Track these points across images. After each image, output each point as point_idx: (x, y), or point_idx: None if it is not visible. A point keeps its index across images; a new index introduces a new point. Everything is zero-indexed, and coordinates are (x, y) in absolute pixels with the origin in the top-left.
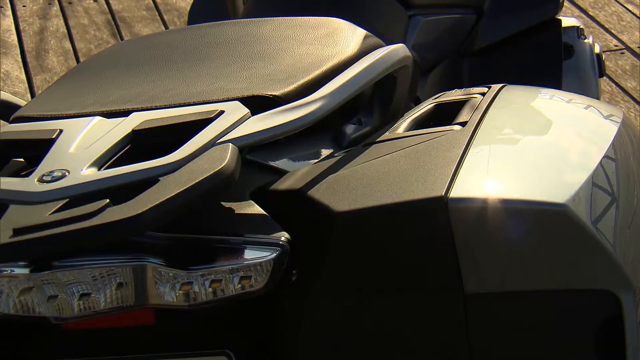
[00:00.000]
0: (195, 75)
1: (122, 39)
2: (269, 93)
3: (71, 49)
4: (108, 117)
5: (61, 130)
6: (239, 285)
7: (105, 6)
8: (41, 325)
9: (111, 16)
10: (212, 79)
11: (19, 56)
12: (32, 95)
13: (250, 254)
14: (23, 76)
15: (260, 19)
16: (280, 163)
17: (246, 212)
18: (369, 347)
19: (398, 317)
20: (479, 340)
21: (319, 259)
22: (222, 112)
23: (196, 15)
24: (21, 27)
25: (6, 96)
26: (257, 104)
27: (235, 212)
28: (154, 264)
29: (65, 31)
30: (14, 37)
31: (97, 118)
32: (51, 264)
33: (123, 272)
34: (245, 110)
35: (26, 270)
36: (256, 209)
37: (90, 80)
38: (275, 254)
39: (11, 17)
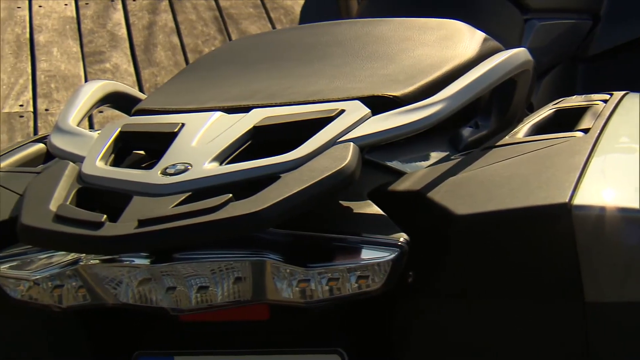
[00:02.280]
0: (314, 73)
1: (229, 35)
2: (389, 93)
3: (179, 44)
4: (229, 113)
5: (183, 124)
6: (356, 285)
7: (213, 2)
8: (158, 316)
9: (219, 12)
10: (331, 78)
11: (128, 50)
12: (140, 88)
13: (369, 254)
14: (132, 69)
15: (378, 19)
16: (398, 164)
17: (365, 212)
18: (482, 351)
19: (515, 323)
20: (599, 351)
21: (437, 262)
22: (342, 111)
23: (308, 14)
24: (131, 21)
25: (126, 89)
26: (377, 104)
27: (354, 211)
28: (273, 260)
29: (174, 26)
30: (124, 30)
31: (219, 113)
32: (171, 256)
33: (242, 267)
34: (366, 110)
35: (147, 261)
36: (375, 209)
37: (209, 76)
38: (394, 255)
39: (121, 11)
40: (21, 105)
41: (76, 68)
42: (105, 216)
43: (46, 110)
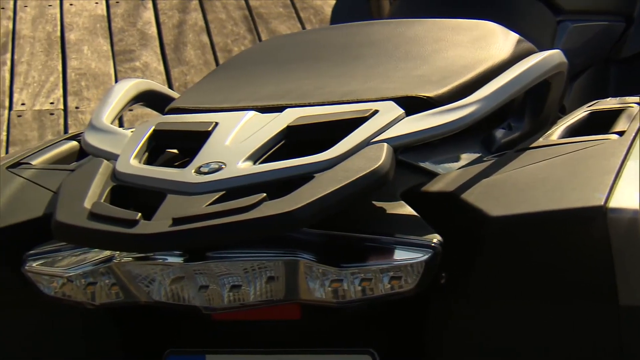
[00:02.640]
0: (347, 73)
1: (258, 35)
2: (422, 94)
3: (209, 42)
4: (262, 112)
5: (217, 123)
6: (389, 286)
7: (243, 2)
8: (190, 314)
9: (248, 12)
10: (364, 78)
11: (158, 48)
12: (170, 87)
13: (402, 255)
14: (161, 68)
15: (411, 19)
16: (431, 165)
17: (398, 213)
18: (515, 353)
19: (548, 326)
20: (633, 354)
21: (471, 263)
22: (376, 111)
23: (339, 15)
24: (161, 20)
25: (159, 87)
26: (411, 105)
27: (387, 211)
28: (306, 260)
29: (204, 25)
30: (154, 29)
31: (252, 112)
32: (205, 254)
33: (275, 266)
34: (400, 111)
35: (180, 260)
36: (407, 210)
37: (242, 76)
38: (427, 256)
39: (152, 9)
40: (52, 103)
41: (106, 66)
42: (139, 214)
43: (76, 108)
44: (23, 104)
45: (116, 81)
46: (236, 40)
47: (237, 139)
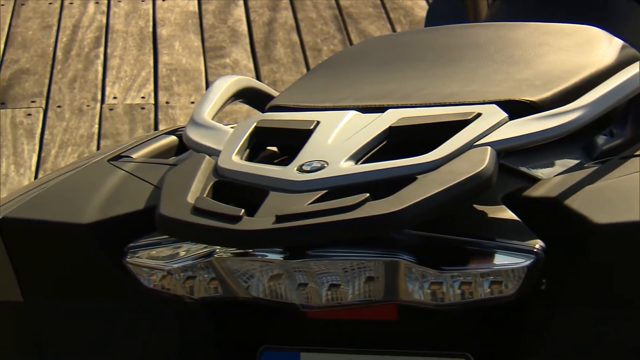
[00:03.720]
0: (448, 75)
1: (348, 34)
2: (526, 98)
3: (298, 41)
4: (363, 112)
5: (318, 122)
6: (489, 290)
7: (333, 1)
8: (285, 311)
9: (338, 11)
10: (466, 81)
11: (248, 46)
12: None
13: (503, 259)
14: (251, 65)
15: (513, 23)
16: (532, 169)
17: (499, 217)
18: None
19: None
20: None
21: (573, 270)
22: (479, 114)
23: (434, 17)
24: (251, 18)
25: (259, 85)
26: (514, 109)
27: (489, 215)
28: (406, 261)
29: (294, 24)
30: (245, 27)
31: (354, 112)
32: (304, 252)
33: (375, 267)
34: (503, 115)
35: (280, 257)
36: (509, 214)
37: (341, 75)
38: (529, 261)
39: (243, 7)
40: (143, 97)
41: (197, 62)
42: (243, 210)
43: (167, 103)
44: (115, 98)
45: (206, 77)
46: (326, 40)
47: (339, 138)
